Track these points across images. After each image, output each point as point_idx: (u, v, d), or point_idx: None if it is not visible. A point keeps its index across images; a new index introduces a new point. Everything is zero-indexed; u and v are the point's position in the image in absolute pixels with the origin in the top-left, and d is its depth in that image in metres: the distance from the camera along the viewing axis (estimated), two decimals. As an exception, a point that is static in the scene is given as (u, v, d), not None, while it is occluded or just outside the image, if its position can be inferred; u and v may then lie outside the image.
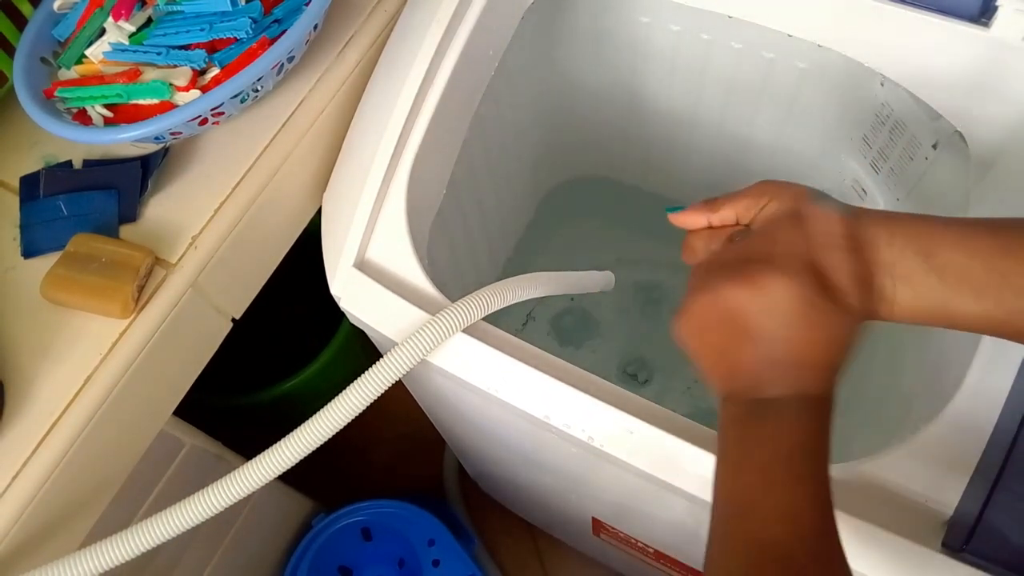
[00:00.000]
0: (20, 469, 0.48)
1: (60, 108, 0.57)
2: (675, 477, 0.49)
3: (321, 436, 0.49)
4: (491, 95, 0.70)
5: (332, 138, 0.63)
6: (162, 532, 0.48)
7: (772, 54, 0.75)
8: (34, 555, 0.49)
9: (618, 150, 1.00)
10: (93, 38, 0.60)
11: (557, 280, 0.58)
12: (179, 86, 0.56)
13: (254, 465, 0.48)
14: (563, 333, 1.09)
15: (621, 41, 0.84)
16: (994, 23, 0.52)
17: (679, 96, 0.87)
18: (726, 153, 0.90)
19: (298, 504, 0.94)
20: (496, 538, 1.10)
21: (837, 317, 0.36)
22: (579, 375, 0.52)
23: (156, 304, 0.53)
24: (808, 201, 0.40)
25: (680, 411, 0.50)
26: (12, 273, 0.55)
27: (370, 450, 1.17)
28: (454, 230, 0.84)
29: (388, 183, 0.59)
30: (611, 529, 0.76)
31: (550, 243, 1.11)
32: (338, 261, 0.57)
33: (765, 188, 0.43)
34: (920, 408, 0.52)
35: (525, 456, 0.68)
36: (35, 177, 0.58)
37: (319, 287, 0.59)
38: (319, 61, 0.62)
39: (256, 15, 0.58)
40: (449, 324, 0.50)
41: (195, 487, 0.49)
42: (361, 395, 0.48)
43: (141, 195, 0.56)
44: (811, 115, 0.79)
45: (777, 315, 0.36)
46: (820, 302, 0.36)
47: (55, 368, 0.51)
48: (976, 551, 0.43)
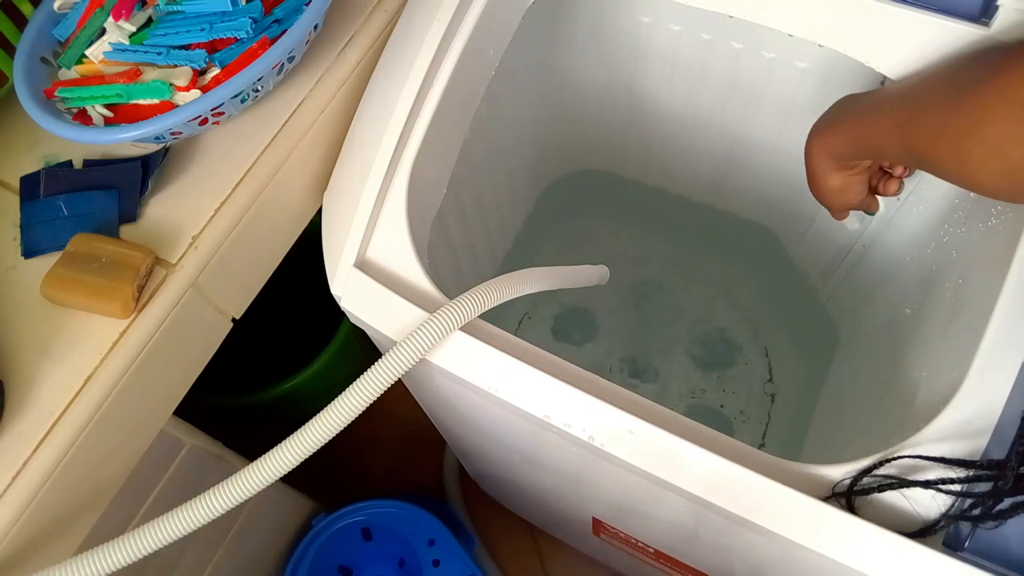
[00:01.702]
0: (20, 469, 0.48)
1: (60, 108, 0.57)
2: (676, 476, 0.49)
3: (321, 438, 0.48)
4: (491, 95, 0.70)
5: (332, 138, 0.63)
6: (164, 536, 0.48)
7: (772, 54, 0.75)
8: (34, 556, 0.49)
9: (618, 148, 1.00)
10: (93, 38, 0.60)
11: (552, 275, 0.58)
12: (179, 86, 0.56)
13: (255, 468, 0.48)
14: (563, 331, 1.09)
15: (621, 41, 0.84)
16: (994, 23, 0.52)
17: (679, 96, 0.87)
18: (726, 152, 0.90)
19: (298, 504, 0.94)
20: (496, 538, 1.10)
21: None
22: (579, 374, 0.52)
23: (156, 304, 0.53)
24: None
25: (680, 410, 0.50)
26: (12, 273, 0.55)
27: (370, 450, 1.17)
28: (453, 228, 0.84)
29: (389, 183, 0.59)
30: (611, 529, 0.76)
31: (549, 238, 1.11)
32: (338, 260, 0.57)
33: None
34: (920, 408, 0.52)
35: (525, 456, 0.68)
36: (35, 177, 0.58)
37: (319, 287, 0.59)
38: (319, 61, 0.62)
39: (256, 15, 0.58)
40: (447, 322, 0.50)
41: (195, 487, 0.49)
42: (361, 395, 0.48)
43: (141, 195, 0.56)
44: (811, 115, 0.79)
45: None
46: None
47: (55, 368, 0.51)
48: (976, 551, 0.43)
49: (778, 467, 0.48)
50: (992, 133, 0.42)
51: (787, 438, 0.99)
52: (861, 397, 0.72)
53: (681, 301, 1.08)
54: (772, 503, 0.46)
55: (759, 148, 0.87)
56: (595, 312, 1.09)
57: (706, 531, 0.57)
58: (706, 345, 1.05)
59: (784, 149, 0.85)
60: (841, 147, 0.56)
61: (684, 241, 1.08)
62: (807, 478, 0.47)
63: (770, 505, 0.46)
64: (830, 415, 0.84)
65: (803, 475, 0.48)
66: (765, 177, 0.91)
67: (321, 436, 0.48)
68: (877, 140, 0.51)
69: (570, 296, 1.10)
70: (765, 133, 0.85)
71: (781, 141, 0.85)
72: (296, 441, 0.48)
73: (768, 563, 0.55)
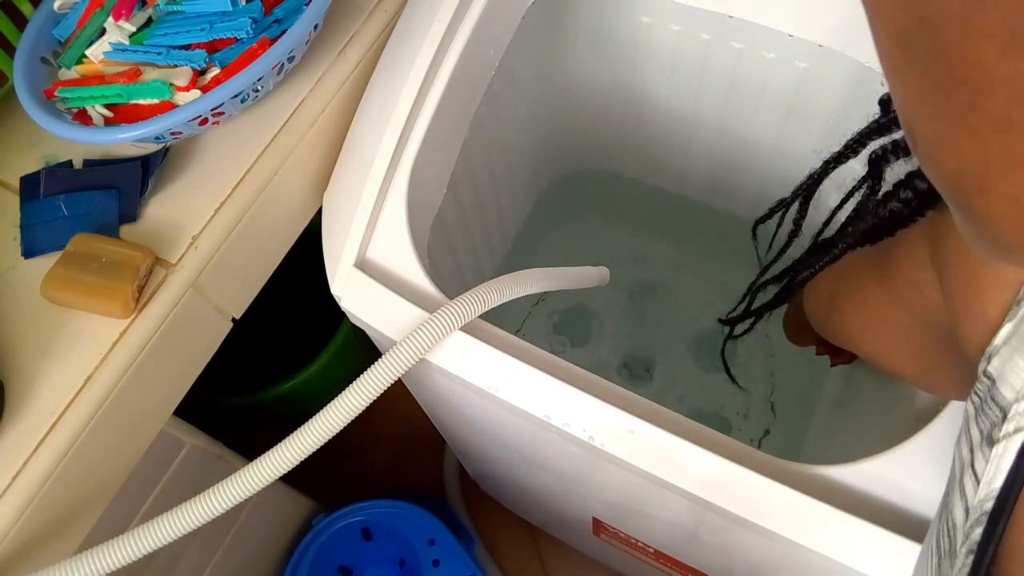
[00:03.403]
0: (20, 469, 0.48)
1: (60, 108, 0.57)
2: (676, 476, 0.49)
3: (321, 437, 0.49)
4: (491, 95, 0.70)
5: (333, 138, 0.63)
6: (164, 535, 0.48)
7: (772, 54, 0.75)
8: (34, 556, 0.49)
9: (618, 148, 1.00)
10: (93, 38, 0.60)
11: (553, 276, 0.58)
12: (179, 86, 0.56)
13: (255, 467, 0.48)
14: (563, 331, 1.09)
15: (621, 41, 0.84)
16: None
17: (679, 96, 0.87)
18: (727, 152, 0.90)
19: (298, 504, 0.94)
20: (496, 538, 1.10)
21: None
22: (579, 374, 0.52)
23: (156, 304, 0.53)
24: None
25: (680, 410, 0.50)
26: (12, 273, 0.55)
27: (370, 450, 1.17)
28: (453, 227, 0.84)
29: (389, 183, 0.59)
30: (611, 529, 0.76)
31: (549, 238, 1.11)
32: (339, 261, 0.57)
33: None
34: (921, 408, 0.52)
35: (525, 456, 0.68)
36: (35, 177, 0.58)
37: (319, 287, 0.59)
38: (319, 61, 0.62)
39: (256, 15, 0.58)
40: (447, 322, 0.50)
41: (195, 487, 0.49)
42: (361, 395, 0.48)
43: (141, 195, 0.56)
44: (811, 115, 0.79)
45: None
46: None
47: (55, 368, 0.51)
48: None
49: (778, 467, 0.48)
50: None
51: (787, 438, 0.99)
52: (861, 397, 0.72)
53: (681, 301, 1.08)
54: (772, 503, 0.46)
55: (759, 148, 0.87)
56: (595, 312, 1.09)
57: (706, 531, 0.57)
58: (706, 345, 1.05)
59: (784, 149, 0.85)
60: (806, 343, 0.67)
61: (684, 241, 1.08)
62: (807, 478, 0.47)
63: (770, 505, 0.46)
64: (830, 415, 0.84)
65: (803, 475, 0.48)
66: (765, 177, 0.91)
67: (321, 436, 0.48)
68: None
69: (570, 296, 1.10)
70: (765, 133, 0.85)
71: (781, 141, 0.85)
72: (296, 441, 0.48)
73: (768, 563, 0.55)
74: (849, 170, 0.61)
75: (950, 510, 0.29)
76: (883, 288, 0.42)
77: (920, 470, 0.46)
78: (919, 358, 0.42)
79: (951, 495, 0.30)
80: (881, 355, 0.46)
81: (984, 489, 0.26)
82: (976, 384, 0.29)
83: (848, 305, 0.48)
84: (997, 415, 0.26)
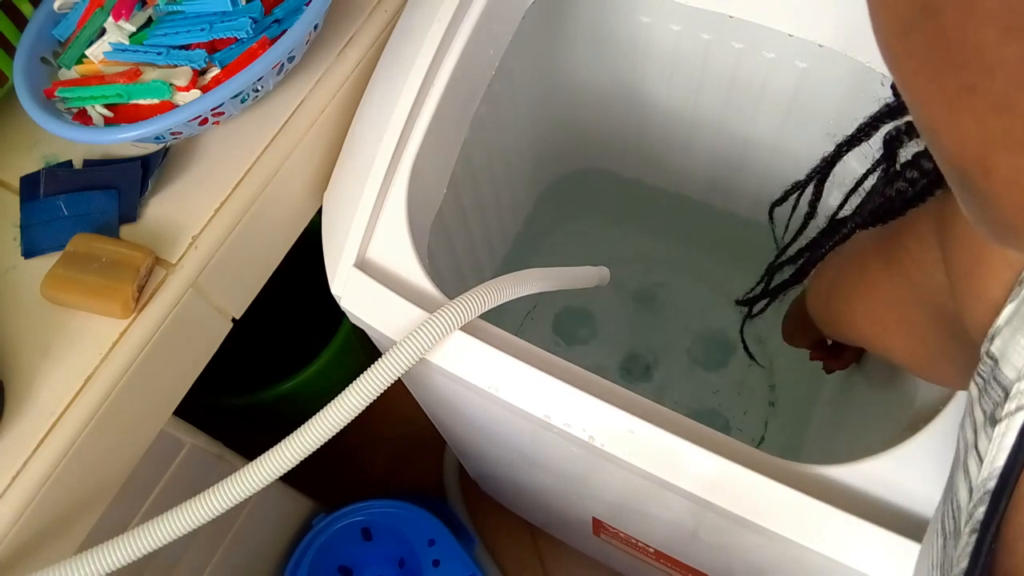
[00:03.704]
0: (20, 469, 0.48)
1: (60, 108, 0.57)
2: (676, 476, 0.49)
3: (321, 437, 0.49)
4: (491, 95, 0.70)
5: (333, 138, 0.63)
6: (164, 535, 0.48)
7: (772, 54, 0.75)
8: (34, 556, 0.49)
9: (618, 148, 1.00)
10: (93, 38, 0.60)
11: (553, 276, 0.58)
12: (179, 86, 0.56)
13: (255, 467, 0.48)
14: (563, 331, 1.09)
15: (621, 41, 0.84)
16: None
17: (679, 96, 0.87)
18: (727, 151, 0.90)
19: (298, 504, 0.94)
20: (496, 538, 1.10)
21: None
22: (579, 374, 0.52)
23: (156, 304, 0.53)
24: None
25: (680, 410, 0.50)
26: (12, 273, 0.55)
27: (370, 450, 1.17)
28: (453, 227, 0.84)
29: (389, 183, 0.59)
30: (611, 529, 0.76)
31: (549, 238, 1.11)
32: (339, 260, 0.57)
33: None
34: (921, 408, 0.52)
35: (525, 456, 0.68)
36: (35, 177, 0.58)
37: (319, 287, 0.59)
38: (319, 61, 0.62)
39: (256, 15, 0.58)
40: (447, 322, 0.50)
41: (195, 487, 0.49)
42: (361, 395, 0.48)
43: (141, 195, 0.56)
44: (811, 115, 0.79)
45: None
46: None
47: (55, 368, 0.51)
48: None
49: (778, 467, 0.48)
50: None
51: (787, 438, 0.99)
52: (861, 397, 0.72)
53: (681, 301, 1.08)
54: (772, 503, 0.46)
55: (759, 148, 0.87)
56: (595, 312, 1.09)
57: (706, 531, 0.57)
58: (706, 345, 1.05)
59: (784, 149, 0.85)
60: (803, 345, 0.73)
61: (684, 241, 1.08)
62: (807, 478, 0.47)
63: (770, 505, 0.46)
64: (830, 415, 0.84)
65: (803, 475, 0.48)
66: (765, 177, 0.91)
67: (321, 435, 0.48)
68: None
69: (570, 296, 1.10)
70: (765, 133, 0.85)
71: (781, 141, 0.85)
72: (296, 440, 0.48)
73: (768, 563, 0.55)
74: (857, 157, 0.61)
75: (955, 491, 0.29)
76: (888, 269, 0.42)
77: (920, 470, 0.46)
78: (919, 343, 0.42)
79: (955, 476, 0.30)
80: (881, 339, 0.46)
81: (987, 468, 0.26)
82: (979, 365, 0.29)
83: (851, 287, 0.48)
84: (999, 395, 0.27)
